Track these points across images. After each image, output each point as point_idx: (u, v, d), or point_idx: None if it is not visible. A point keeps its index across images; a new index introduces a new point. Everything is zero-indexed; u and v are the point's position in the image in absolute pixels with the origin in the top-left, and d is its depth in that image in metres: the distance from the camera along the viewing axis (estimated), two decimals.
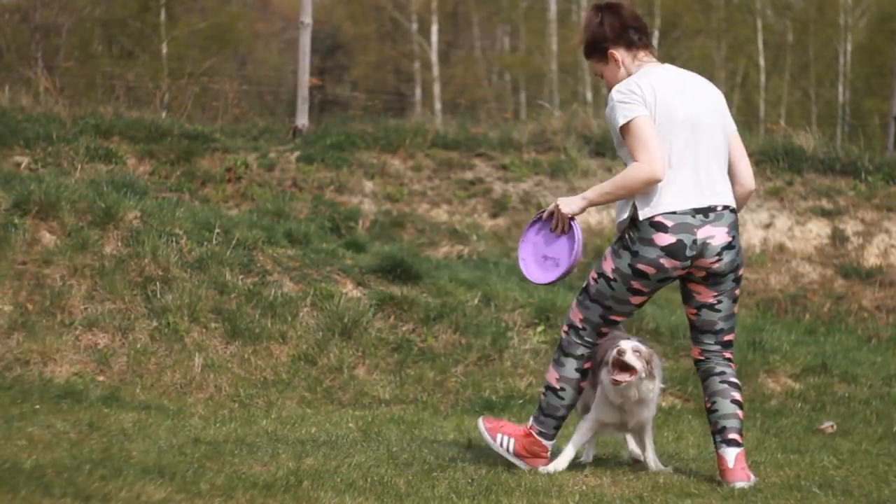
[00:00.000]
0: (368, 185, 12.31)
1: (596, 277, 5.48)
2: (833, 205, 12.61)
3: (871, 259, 12.06)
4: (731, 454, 5.41)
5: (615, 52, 5.53)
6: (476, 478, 5.32)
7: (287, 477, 5.16)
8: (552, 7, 36.35)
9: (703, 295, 5.46)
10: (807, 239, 12.29)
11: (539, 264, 5.59)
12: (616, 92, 5.40)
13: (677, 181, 5.31)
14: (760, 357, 8.94)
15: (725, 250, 5.37)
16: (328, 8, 37.65)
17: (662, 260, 5.30)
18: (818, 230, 12.39)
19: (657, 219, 5.29)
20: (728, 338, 5.55)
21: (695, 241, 5.30)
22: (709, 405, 5.52)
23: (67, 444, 5.77)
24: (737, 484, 5.32)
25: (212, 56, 26.56)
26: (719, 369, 5.53)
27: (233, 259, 8.78)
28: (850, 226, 12.41)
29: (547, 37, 36.20)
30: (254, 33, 36.06)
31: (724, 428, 5.44)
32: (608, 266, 5.42)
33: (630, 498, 5.09)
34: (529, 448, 5.59)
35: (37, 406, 6.92)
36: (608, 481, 5.41)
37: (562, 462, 5.58)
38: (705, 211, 5.33)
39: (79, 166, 11.25)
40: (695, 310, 5.50)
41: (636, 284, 5.38)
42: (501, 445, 5.63)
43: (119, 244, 8.65)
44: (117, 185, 9.65)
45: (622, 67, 5.53)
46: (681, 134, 5.35)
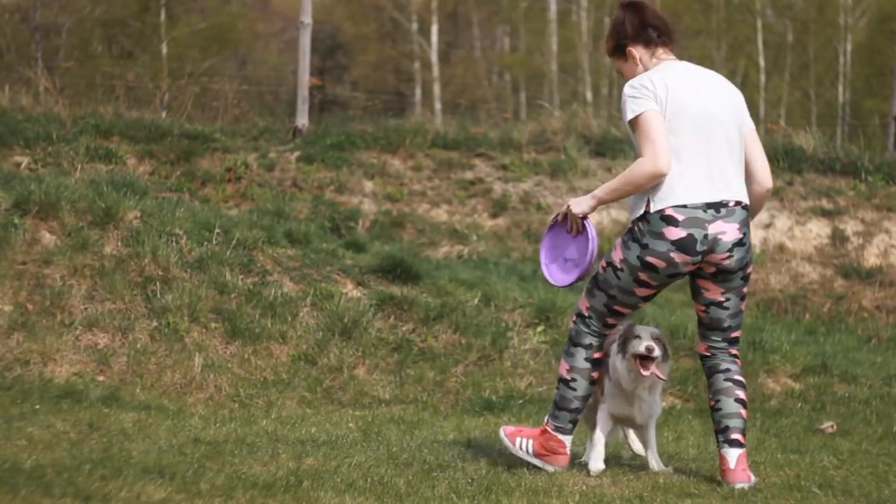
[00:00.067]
0: (368, 185, 12.31)
1: (605, 266, 5.49)
2: (833, 205, 12.61)
3: (871, 259, 12.05)
4: (733, 455, 5.40)
5: (633, 50, 5.55)
6: (476, 478, 5.32)
7: (287, 477, 5.16)
8: (552, 7, 36.38)
9: (712, 292, 5.45)
10: (807, 239, 12.29)
11: (561, 267, 5.65)
12: (628, 87, 5.41)
13: (689, 175, 5.30)
14: (760, 357, 8.93)
15: (736, 247, 5.35)
16: (328, 8, 37.67)
17: (673, 254, 5.29)
18: (818, 230, 12.38)
19: (668, 212, 5.28)
20: (735, 335, 5.55)
21: (706, 236, 5.29)
22: (712, 403, 5.52)
23: (67, 444, 5.77)
24: (737, 485, 5.32)
25: (212, 56, 26.58)
26: (724, 366, 5.53)
27: (233, 259, 8.78)
28: (850, 226, 12.41)
29: (547, 37, 36.23)
30: (254, 33, 36.10)
31: (727, 427, 5.44)
32: (616, 256, 5.43)
33: (630, 498, 5.09)
34: (547, 445, 5.59)
35: (37, 406, 6.91)
36: (608, 481, 5.40)
37: (595, 456, 5.55)
38: (717, 206, 5.31)
39: (79, 166, 11.25)
40: (703, 307, 5.50)
41: (644, 276, 5.37)
42: (521, 448, 5.63)
43: (119, 244, 8.65)
44: (117, 185, 9.65)
45: (639, 64, 5.54)
46: (694, 129, 5.34)
